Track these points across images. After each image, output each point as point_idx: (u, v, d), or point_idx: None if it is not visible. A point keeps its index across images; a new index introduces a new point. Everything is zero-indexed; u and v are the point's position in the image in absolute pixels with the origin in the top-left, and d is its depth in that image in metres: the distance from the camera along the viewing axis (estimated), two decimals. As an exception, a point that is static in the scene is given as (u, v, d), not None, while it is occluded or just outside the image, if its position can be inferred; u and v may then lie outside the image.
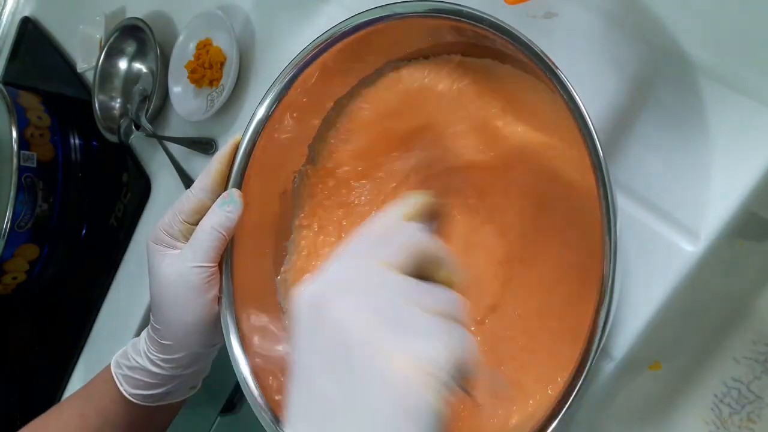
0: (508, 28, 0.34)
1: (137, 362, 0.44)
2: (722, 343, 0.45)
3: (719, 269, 0.42)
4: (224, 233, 0.42)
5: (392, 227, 0.33)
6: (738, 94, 0.38)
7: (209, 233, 0.42)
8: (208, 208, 0.43)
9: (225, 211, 0.42)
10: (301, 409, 0.28)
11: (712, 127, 0.38)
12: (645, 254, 0.40)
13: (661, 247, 0.39)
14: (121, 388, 0.45)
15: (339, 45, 0.43)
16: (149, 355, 0.44)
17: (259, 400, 0.41)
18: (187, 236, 0.43)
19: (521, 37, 0.33)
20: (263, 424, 0.41)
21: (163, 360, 0.44)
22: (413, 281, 0.30)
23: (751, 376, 0.44)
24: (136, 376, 0.44)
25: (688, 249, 0.39)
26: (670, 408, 0.46)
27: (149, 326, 0.45)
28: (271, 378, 0.43)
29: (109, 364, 0.47)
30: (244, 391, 0.42)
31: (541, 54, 0.33)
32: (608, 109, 0.42)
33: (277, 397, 0.42)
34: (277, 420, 0.41)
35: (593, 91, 0.41)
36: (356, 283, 0.30)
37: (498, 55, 0.42)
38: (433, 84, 0.46)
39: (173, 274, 0.42)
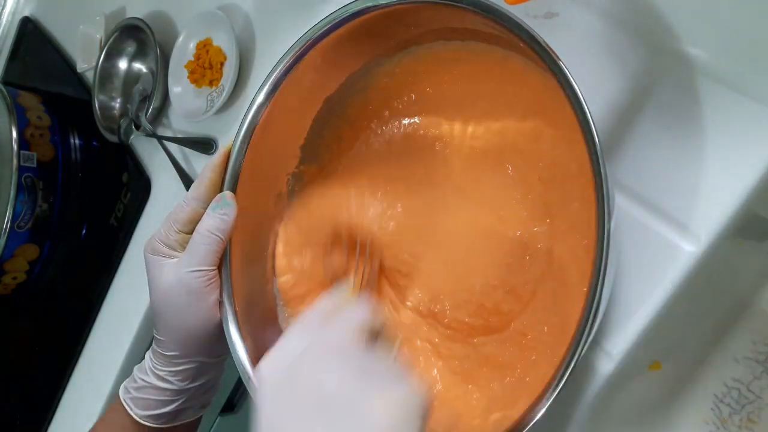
0: (513, 17, 0.34)
1: (145, 381, 0.44)
2: (722, 343, 0.45)
3: (719, 269, 0.42)
4: (221, 236, 0.42)
5: (334, 309, 0.37)
6: (738, 94, 0.38)
7: (205, 237, 0.42)
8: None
9: (219, 215, 0.42)
10: None
11: (712, 127, 0.38)
12: (645, 254, 0.40)
13: (661, 247, 0.39)
14: (131, 413, 0.44)
15: (326, 41, 0.43)
16: (156, 371, 0.44)
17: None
18: (183, 245, 0.43)
19: (524, 25, 0.33)
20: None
21: (169, 373, 0.43)
22: (364, 343, 0.34)
23: (751, 376, 0.44)
24: (145, 396, 0.44)
25: (688, 249, 0.38)
26: (670, 408, 0.46)
27: (153, 342, 0.44)
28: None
29: (118, 394, 0.46)
30: (247, 386, 0.42)
31: (544, 44, 0.33)
32: (608, 109, 0.42)
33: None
34: None
35: (593, 90, 0.41)
36: (317, 348, 0.34)
37: (486, 37, 0.42)
38: (422, 77, 0.46)
39: (172, 281, 0.42)
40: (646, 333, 0.40)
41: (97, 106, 0.77)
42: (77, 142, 0.82)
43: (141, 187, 0.75)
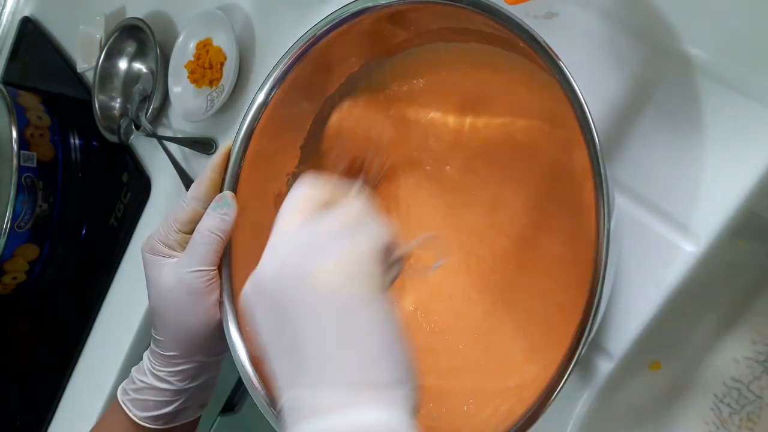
0: (513, 17, 0.34)
1: (144, 382, 0.44)
2: (722, 343, 0.45)
3: (719, 269, 0.42)
4: (221, 236, 0.42)
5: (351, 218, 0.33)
6: (738, 94, 0.38)
7: (205, 237, 0.42)
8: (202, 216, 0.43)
9: (219, 214, 0.42)
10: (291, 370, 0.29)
11: (712, 127, 0.38)
12: (645, 254, 0.40)
13: (661, 247, 0.39)
14: (130, 414, 0.44)
15: (326, 40, 0.43)
16: (155, 371, 0.43)
17: (260, 390, 0.41)
18: (183, 245, 0.43)
19: (524, 25, 0.33)
20: (263, 411, 0.41)
21: (169, 374, 0.43)
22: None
23: (751, 377, 0.44)
24: (145, 397, 0.44)
25: (688, 249, 0.38)
26: (670, 408, 0.46)
27: (151, 343, 0.44)
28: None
29: (116, 396, 0.46)
30: (247, 386, 0.42)
31: (543, 44, 0.33)
32: (608, 109, 0.42)
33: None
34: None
35: (593, 90, 0.41)
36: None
37: (483, 38, 0.42)
38: (422, 78, 0.46)
39: (172, 281, 0.42)
40: (646, 333, 0.40)
41: (97, 106, 0.77)
42: (77, 142, 0.82)
43: (141, 187, 0.75)
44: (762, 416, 0.43)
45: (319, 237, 0.31)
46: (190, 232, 0.43)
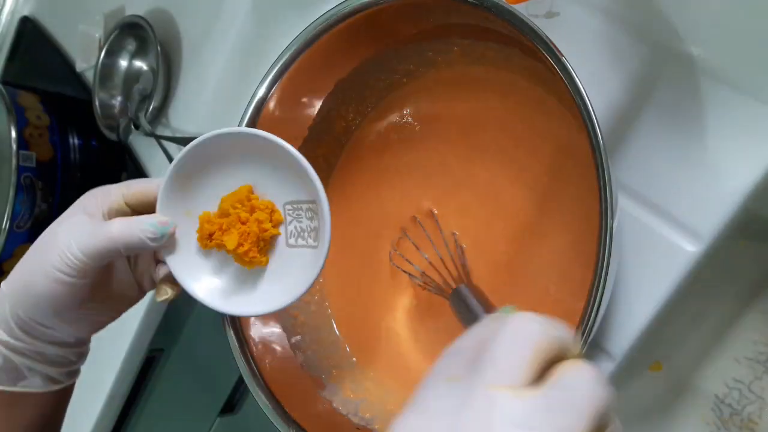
0: (521, 16, 0.34)
1: None
2: (723, 343, 0.45)
3: (720, 269, 0.41)
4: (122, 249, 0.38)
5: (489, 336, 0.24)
6: (738, 94, 0.38)
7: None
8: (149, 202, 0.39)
9: (147, 232, 0.38)
10: None
11: (712, 126, 0.38)
12: (645, 254, 0.40)
13: (662, 247, 0.39)
14: None
15: (324, 38, 0.43)
16: None
17: (260, 390, 0.41)
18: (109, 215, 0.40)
19: (528, 21, 0.33)
20: (264, 409, 0.41)
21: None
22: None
23: (752, 377, 0.44)
24: None
25: (689, 249, 0.38)
26: (671, 408, 0.46)
27: None
28: (268, 361, 0.43)
29: None
30: (245, 379, 0.42)
31: (545, 38, 0.33)
32: (609, 109, 0.42)
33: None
34: (279, 405, 0.41)
35: (594, 90, 0.41)
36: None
37: (485, 34, 0.42)
38: (422, 76, 0.46)
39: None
40: (647, 333, 0.40)
41: (97, 103, 0.77)
42: (76, 141, 0.82)
43: (140, 187, 0.75)
44: (763, 417, 0.43)
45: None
46: (129, 208, 0.40)
